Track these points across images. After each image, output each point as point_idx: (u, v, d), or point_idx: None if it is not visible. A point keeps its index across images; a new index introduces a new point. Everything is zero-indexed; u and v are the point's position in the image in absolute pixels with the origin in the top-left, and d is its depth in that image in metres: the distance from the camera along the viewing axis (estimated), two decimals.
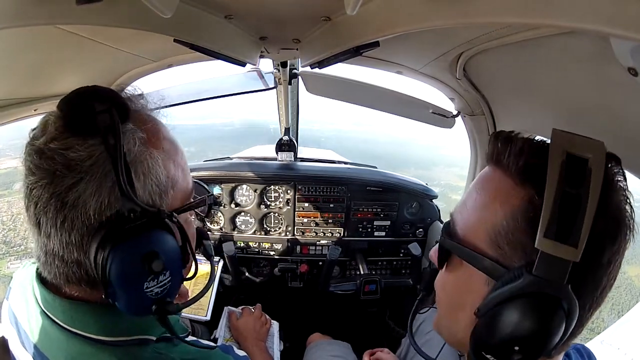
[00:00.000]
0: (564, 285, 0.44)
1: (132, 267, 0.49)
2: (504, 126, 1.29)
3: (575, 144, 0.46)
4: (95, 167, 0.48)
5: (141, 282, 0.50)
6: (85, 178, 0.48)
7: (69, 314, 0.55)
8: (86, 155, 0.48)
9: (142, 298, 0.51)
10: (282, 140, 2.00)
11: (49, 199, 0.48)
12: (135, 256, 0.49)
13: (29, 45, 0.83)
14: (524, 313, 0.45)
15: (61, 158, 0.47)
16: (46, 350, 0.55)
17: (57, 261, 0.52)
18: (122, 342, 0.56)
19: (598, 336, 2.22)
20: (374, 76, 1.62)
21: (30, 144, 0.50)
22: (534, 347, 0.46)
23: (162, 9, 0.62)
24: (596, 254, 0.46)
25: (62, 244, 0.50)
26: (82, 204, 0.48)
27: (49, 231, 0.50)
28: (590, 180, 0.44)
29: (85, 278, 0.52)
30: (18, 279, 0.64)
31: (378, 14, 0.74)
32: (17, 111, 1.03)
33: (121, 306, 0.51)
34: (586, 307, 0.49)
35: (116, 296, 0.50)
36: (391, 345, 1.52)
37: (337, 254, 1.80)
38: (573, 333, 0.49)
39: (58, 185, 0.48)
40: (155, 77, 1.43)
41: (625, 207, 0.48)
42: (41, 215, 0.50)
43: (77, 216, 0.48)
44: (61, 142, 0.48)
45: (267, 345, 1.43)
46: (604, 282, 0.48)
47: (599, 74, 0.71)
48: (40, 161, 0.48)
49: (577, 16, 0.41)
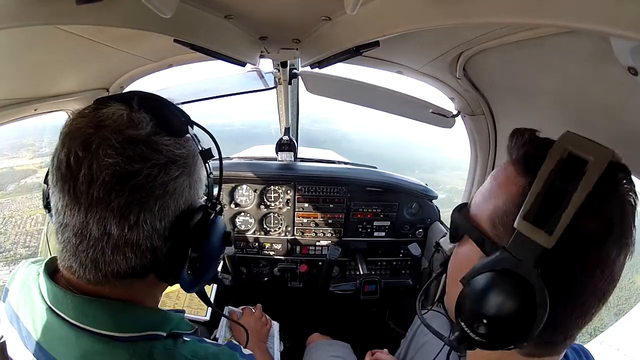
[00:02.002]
0: (531, 267, 0.47)
1: (217, 244, 0.61)
2: (504, 126, 1.29)
3: (581, 145, 0.47)
4: (189, 163, 0.57)
5: (219, 256, 0.64)
6: (185, 171, 0.56)
7: (82, 310, 0.54)
8: (186, 153, 0.56)
9: (215, 270, 0.65)
10: (282, 140, 2.00)
11: (152, 188, 0.51)
12: (219, 235, 0.62)
13: (29, 45, 0.83)
14: (491, 286, 0.49)
15: (167, 152, 0.53)
16: (52, 349, 0.55)
17: (130, 252, 0.53)
18: (134, 338, 0.56)
19: (597, 337, 2.22)
20: (374, 76, 1.62)
21: (120, 132, 0.50)
22: (498, 324, 0.49)
23: (162, 9, 0.62)
24: (576, 252, 0.47)
25: (148, 232, 0.53)
26: (179, 194, 0.55)
27: (138, 220, 0.51)
28: (583, 179, 0.45)
29: (148, 267, 0.56)
30: (19, 278, 0.63)
31: (378, 14, 0.74)
32: (17, 111, 1.03)
33: (194, 281, 0.59)
34: (566, 308, 0.49)
35: (198, 272, 0.58)
36: (391, 346, 1.52)
37: (336, 254, 1.80)
38: (550, 333, 0.51)
39: (165, 176, 0.52)
40: (155, 77, 1.43)
41: (626, 218, 0.48)
42: (134, 204, 0.50)
43: (172, 204, 0.54)
44: (164, 138, 0.54)
45: (268, 346, 1.43)
46: (587, 288, 0.48)
47: (599, 74, 0.71)
48: (149, 152, 0.51)
49: (577, 16, 0.41)
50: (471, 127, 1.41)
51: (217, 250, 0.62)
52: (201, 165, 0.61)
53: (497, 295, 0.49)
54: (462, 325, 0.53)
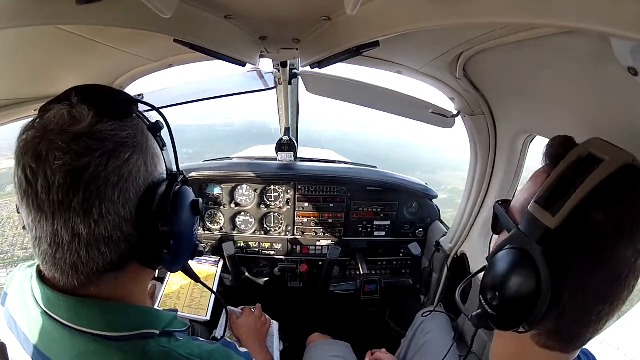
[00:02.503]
0: (534, 243, 0.52)
1: (187, 214, 0.62)
2: (504, 126, 1.29)
3: (602, 148, 0.51)
4: (140, 142, 0.56)
5: (192, 226, 0.65)
6: (135, 152, 0.54)
7: (74, 311, 0.54)
8: (133, 133, 0.55)
9: (193, 242, 0.66)
10: (282, 140, 2.00)
11: (107, 176, 0.50)
12: (186, 205, 0.62)
13: (29, 45, 0.83)
14: (502, 262, 0.56)
15: (112, 137, 0.52)
16: (49, 352, 0.55)
17: (104, 247, 0.52)
18: (127, 337, 0.56)
19: (598, 336, 2.22)
20: (374, 76, 1.62)
21: (64, 131, 0.50)
22: (507, 297, 0.55)
23: (162, 9, 0.62)
24: (579, 239, 0.51)
25: (115, 222, 0.52)
26: (135, 175, 0.54)
27: (102, 212, 0.50)
28: (592, 174, 0.49)
29: (125, 257, 0.56)
30: (16, 282, 0.63)
31: (378, 14, 0.74)
32: (17, 111, 1.03)
33: (174, 259, 0.61)
34: (570, 296, 0.52)
35: (176, 249, 0.59)
36: (391, 345, 1.52)
37: (337, 254, 1.80)
38: (557, 319, 0.53)
39: (116, 161, 0.52)
40: (155, 77, 1.43)
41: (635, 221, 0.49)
42: (94, 198, 0.50)
43: (131, 187, 0.54)
44: (107, 124, 0.53)
45: (267, 345, 1.43)
46: (590, 280, 0.51)
47: (599, 74, 0.71)
48: (94, 142, 0.50)
49: (577, 16, 0.41)
50: (471, 127, 1.41)
51: (188, 221, 0.63)
52: (153, 141, 0.60)
53: (506, 269, 0.55)
54: (480, 300, 0.59)
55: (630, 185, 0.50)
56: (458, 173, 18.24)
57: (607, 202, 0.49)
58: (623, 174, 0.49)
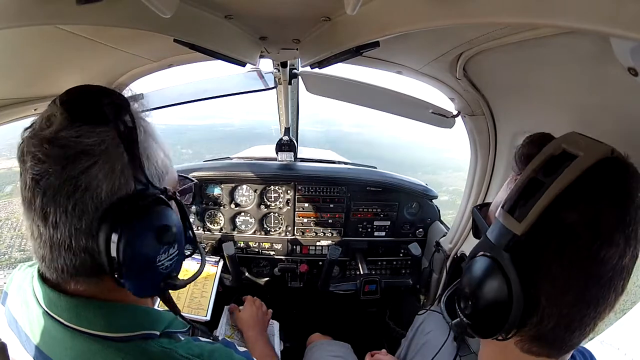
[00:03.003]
0: (501, 251, 0.51)
1: (147, 241, 0.53)
2: (504, 126, 1.29)
3: (577, 142, 0.48)
4: (108, 151, 0.51)
5: (154, 256, 0.54)
6: (99, 161, 0.51)
7: (75, 311, 0.54)
8: (99, 140, 0.51)
9: (154, 273, 0.55)
10: (282, 140, 2.00)
11: (61, 185, 0.49)
12: (150, 230, 0.53)
13: (29, 45, 0.83)
14: (472, 270, 0.55)
15: (75, 144, 0.50)
16: (50, 352, 0.55)
17: (65, 252, 0.52)
18: (128, 338, 0.56)
19: (598, 336, 2.22)
20: (374, 76, 1.62)
21: (36, 136, 0.51)
22: (479, 305, 0.53)
23: (162, 9, 0.62)
24: (551, 242, 0.48)
25: (70, 232, 0.51)
26: (94, 187, 0.50)
27: (57, 220, 0.50)
28: (563, 172, 0.47)
29: (92, 267, 0.53)
30: (16, 282, 0.63)
31: (378, 14, 0.74)
32: (17, 111, 1.03)
33: (132, 285, 0.53)
34: (548, 301, 0.50)
35: (129, 275, 0.52)
36: (391, 346, 1.52)
37: (337, 254, 1.80)
38: (537, 325, 0.51)
39: (72, 170, 0.49)
40: (155, 77, 1.43)
41: (623, 218, 0.46)
42: (49, 204, 0.50)
43: (89, 199, 0.50)
44: (73, 130, 0.50)
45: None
46: (568, 284, 0.48)
47: (599, 74, 0.71)
48: (53, 149, 0.49)
49: (577, 16, 0.41)
50: (471, 127, 1.41)
51: (147, 249, 0.53)
52: (132, 150, 0.54)
53: (477, 278, 0.54)
54: (457, 310, 0.58)
55: (608, 180, 0.47)
56: (460, 174, 18.26)
57: (581, 202, 0.47)
58: (599, 169, 0.46)
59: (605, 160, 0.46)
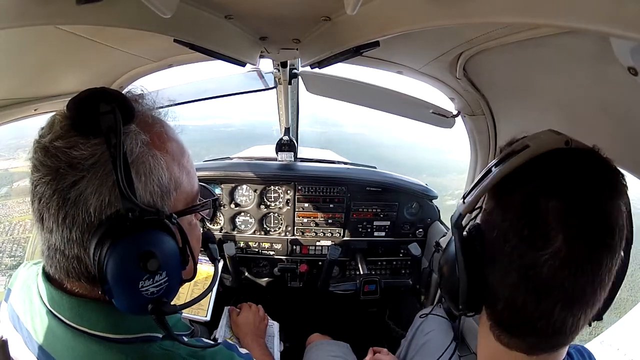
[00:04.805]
0: (454, 229, 0.58)
1: (127, 265, 0.49)
2: (504, 126, 1.29)
3: (539, 137, 0.52)
4: (97, 166, 0.49)
5: (137, 281, 0.50)
6: (87, 176, 0.49)
7: (77, 311, 0.54)
8: (88, 154, 0.49)
9: (138, 297, 0.51)
10: (282, 140, 1.99)
11: (51, 195, 0.49)
12: (131, 254, 0.49)
13: (29, 45, 0.83)
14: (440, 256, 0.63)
15: (65, 156, 0.49)
16: (52, 350, 0.55)
17: (59, 255, 0.52)
18: (129, 340, 0.56)
19: (597, 336, 2.22)
20: (374, 76, 1.62)
21: (37, 142, 0.51)
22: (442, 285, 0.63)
23: (162, 9, 0.62)
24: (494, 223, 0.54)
25: (63, 240, 0.51)
26: (83, 202, 0.49)
27: (51, 226, 0.51)
28: (507, 162, 0.51)
29: (85, 274, 0.53)
30: (20, 279, 0.63)
31: (378, 14, 0.74)
32: (17, 111, 1.03)
33: (117, 304, 0.52)
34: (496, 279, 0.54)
35: (112, 293, 0.50)
36: (391, 346, 1.52)
37: (337, 254, 1.80)
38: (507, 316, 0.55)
39: (60, 182, 0.49)
40: (155, 77, 1.43)
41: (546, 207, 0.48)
42: (44, 210, 0.51)
43: (78, 213, 0.49)
44: (65, 140, 0.49)
45: (267, 346, 1.43)
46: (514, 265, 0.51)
47: (599, 74, 0.71)
48: (45, 158, 0.49)
49: (577, 16, 0.41)
50: (471, 127, 1.41)
51: (129, 274, 0.50)
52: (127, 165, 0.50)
53: (441, 254, 0.64)
54: None
55: (548, 169, 0.49)
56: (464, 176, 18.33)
57: (516, 187, 0.51)
58: (545, 159, 0.49)
59: (555, 151, 0.49)
